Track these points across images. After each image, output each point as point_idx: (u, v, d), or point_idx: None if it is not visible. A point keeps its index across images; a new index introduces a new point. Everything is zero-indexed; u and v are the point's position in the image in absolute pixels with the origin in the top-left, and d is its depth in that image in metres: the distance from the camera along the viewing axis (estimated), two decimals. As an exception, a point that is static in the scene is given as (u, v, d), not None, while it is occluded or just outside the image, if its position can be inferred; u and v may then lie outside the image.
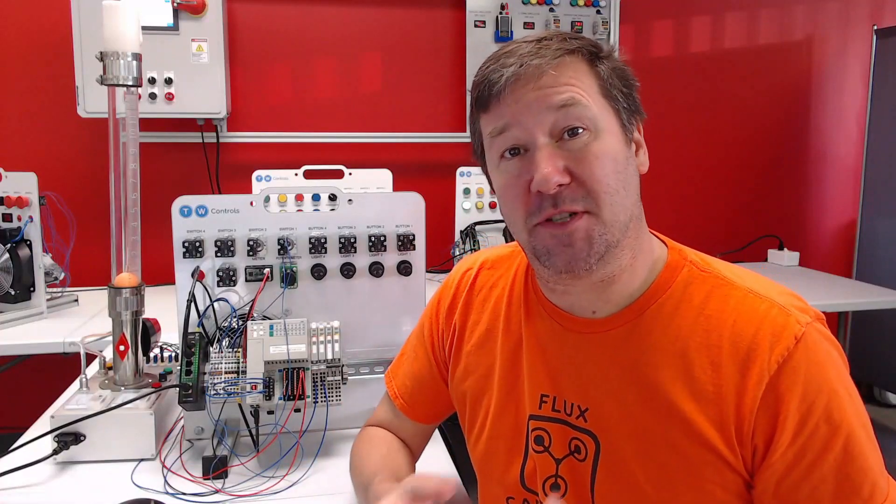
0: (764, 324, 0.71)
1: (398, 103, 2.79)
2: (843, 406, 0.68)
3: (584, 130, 0.72)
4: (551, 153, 0.71)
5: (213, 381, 1.04)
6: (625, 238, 0.74)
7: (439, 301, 0.98)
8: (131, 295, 1.16)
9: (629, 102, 0.76)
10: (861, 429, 0.69)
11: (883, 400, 3.30)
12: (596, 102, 0.73)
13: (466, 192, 2.45)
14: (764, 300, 0.73)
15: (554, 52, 0.72)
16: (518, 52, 0.73)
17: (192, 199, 1.14)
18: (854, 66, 3.21)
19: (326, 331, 1.09)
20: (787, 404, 0.68)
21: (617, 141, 0.74)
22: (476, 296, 0.94)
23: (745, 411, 0.69)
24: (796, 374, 0.68)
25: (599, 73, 0.74)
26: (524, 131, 0.73)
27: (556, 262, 0.73)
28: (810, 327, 0.71)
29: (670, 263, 0.78)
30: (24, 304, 1.96)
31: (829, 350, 0.71)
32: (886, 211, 3.08)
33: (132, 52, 1.13)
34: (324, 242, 1.17)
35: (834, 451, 0.67)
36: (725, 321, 0.73)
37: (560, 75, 0.72)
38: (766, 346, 0.70)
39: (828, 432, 0.67)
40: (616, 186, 0.72)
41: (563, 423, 0.81)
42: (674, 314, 0.75)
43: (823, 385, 0.68)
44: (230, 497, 1.00)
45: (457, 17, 2.74)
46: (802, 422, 0.67)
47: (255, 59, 2.66)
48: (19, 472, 1.03)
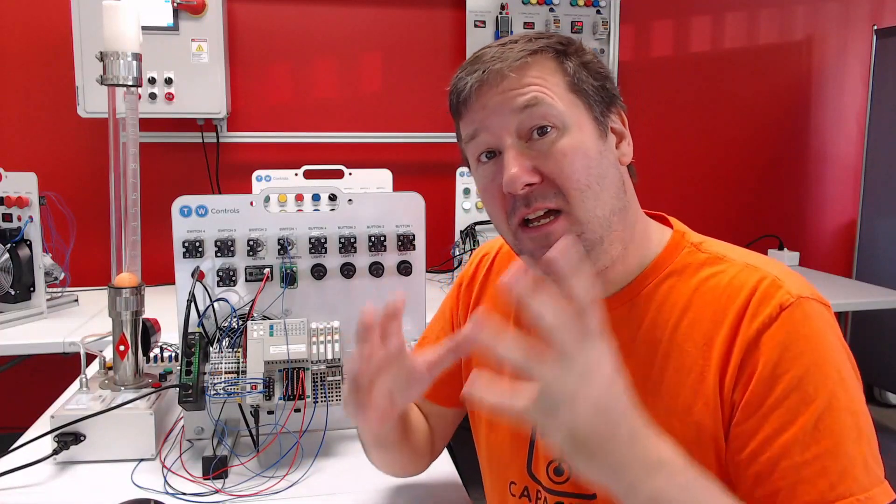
0: (755, 293, 0.71)
1: (398, 103, 2.79)
2: (823, 381, 0.66)
3: (552, 128, 0.73)
4: (518, 154, 0.73)
5: (213, 381, 1.04)
6: (610, 233, 0.75)
7: (460, 283, 1.02)
8: (131, 295, 1.16)
9: (602, 94, 0.76)
10: (846, 413, 0.65)
11: (883, 400, 3.30)
12: (563, 99, 0.73)
13: (466, 192, 2.45)
14: (759, 271, 0.73)
15: (517, 54, 0.74)
16: (483, 57, 0.76)
17: (192, 199, 1.14)
18: (854, 66, 3.21)
19: (326, 331, 1.09)
20: (761, 369, 0.67)
21: (587, 136, 0.74)
22: (491, 279, 0.96)
23: (728, 379, 0.69)
24: (774, 339, 0.68)
25: (566, 69, 0.75)
26: (492, 135, 0.75)
27: (538, 265, 0.75)
28: (805, 300, 0.69)
29: (670, 245, 0.80)
30: (24, 304, 1.96)
31: (821, 328, 0.69)
32: (886, 211, 3.08)
33: (132, 52, 1.13)
34: (324, 242, 1.17)
35: (803, 425, 0.65)
36: (720, 297, 0.73)
37: (522, 76, 0.73)
38: (750, 313, 0.70)
39: (797, 403, 0.65)
40: (587, 182, 0.72)
41: None
42: (670, 293, 0.76)
43: (803, 356, 0.66)
44: (230, 497, 1.00)
45: (457, 17, 2.74)
46: (772, 386, 0.66)
47: (255, 59, 2.66)
48: (19, 472, 1.03)
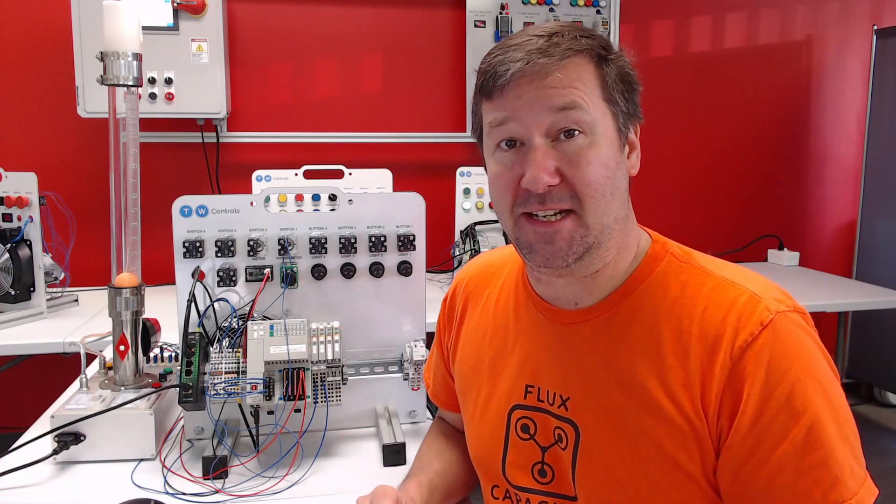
0: (732, 310, 0.72)
1: (398, 103, 2.79)
2: (808, 395, 0.67)
3: (581, 134, 0.73)
4: (545, 153, 0.73)
5: (213, 381, 1.04)
6: (608, 239, 0.76)
7: (444, 304, 1.06)
8: (131, 295, 1.16)
9: (629, 106, 0.77)
10: (831, 422, 0.68)
11: (883, 400, 3.30)
12: (596, 106, 0.74)
13: (466, 192, 2.45)
14: (736, 287, 0.74)
15: (563, 51, 0.73)
16: (527, 46, 0.73)
17: (192, 199, 1.14)
18: (854, 66, 3.21)
19: (326, 331, 1.09)
20: (749, 388, 0.68)
21: (610, 146, 0.75)
22: (470, 296, 0.99)
23: (712, 396, 0.70)
24: (759, 358, 0.68)
25: (604, 75, 0.75)
26: (522, 128, 0.74)
27: (535, 257, 0.77)
28: (782, 316, 0.70)
29: (651, 255, 0.80)
30: (24, 304, 1.96)
31: (802, 339, 0.71)
32: (886, 211, 3.08)
33: (132, 52, 1.13)
34: (324, 242, 1.17)
35: (793, 439, 0.67)
36: (696, 308, 0.74)
37: (565, 77, 0.73)
38: (731, 331, 0.70)
39: (788, 419, 0.67)
40: (603, 191, 0.74)
41: (546, 412, 0.83)
42: (650, 303, 0.77)
43: (788, 372, 0.68)
44: (230, 497, 1.00)
45: (457, 17, 2.74)
46: (762, 407, 0.67)
47: (255, 59, 2.66)
48: (19, 472, 1.03)
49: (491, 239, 2.38)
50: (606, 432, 0.76)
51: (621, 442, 0.75)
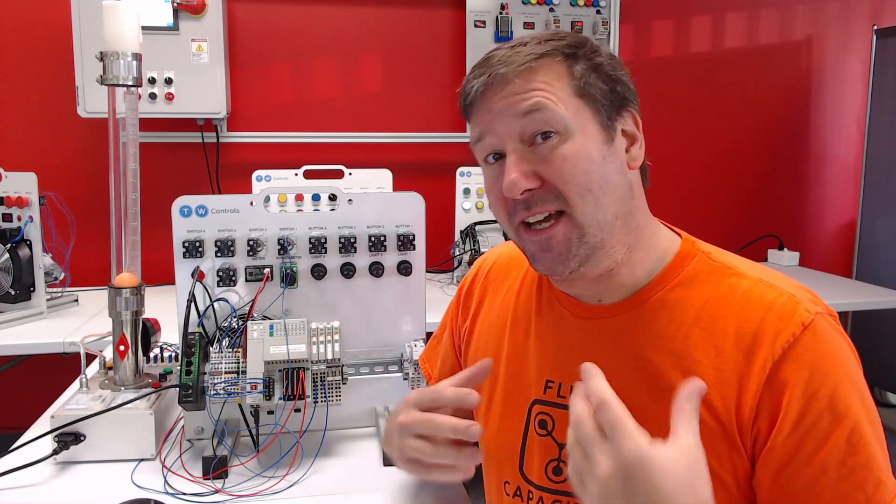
0: (771, 311, 0.71)
1: (398, 103, 2.79)
2: (849, 398, 0.67)
3: (555, 133, 0.73)
4: (518, 159, 0.74)
5: (213, 381, 1.04)
6: (612, 236, 0.75)
7: (461, 292, 1.03)
8: (131, 295, 1.16)
9: (612, 98, 0.76)
10: (868, 425, 0.68)
11: (883, 400, 3.30)
12: (568, 104, 0.73)
13: (466, 192, 2.45)
14: (774, 288, 0.73)
15: (523, 57, 0.74)
16: (491, 60, 0.76)
17: (192, 199, 1.14)
18: (854, 66, 3.21)
19: (326, 331, 1.09)
20: (791, 390, 0.67)
21: (591, 140, 0.74)
22: (490, 286, 0.98)
23: (748, 396, 0.69)
24: (801, 360, 0.68)
25: (574, 73, 0.74)
26: (497, 139, 0.76)
27: (538, 265, 0.78)
28: (820, 317, 0.70)
29: (681, 253, 0.80)
30: (24, 304, 1.96)
31: (839, 342, 0.70)
32: (886, 211, 3.08)
33: (132, 52, 1.13)
34: (324, 242, 1.17)
35: (836, 442, 0.66)
36: (732, 308, 0.73)
37: (526, 82, 0.73)
38: (772, 331, 0.70)
39: (831, 422, 0.67)
40: (587, 186, 0.73)
41: (565, 408, 0.81)
42: (680, 301, 0.76)
43: (830, 374, 0.68)
44: (230, 497, 1.00)
45: (457, 17, 2.74)
46: (805, 409, 0.67)
47: (255, 59, 2.66)
48: (19, 472, 1.03)
49: (491, 239, 2.38)
50: None
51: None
